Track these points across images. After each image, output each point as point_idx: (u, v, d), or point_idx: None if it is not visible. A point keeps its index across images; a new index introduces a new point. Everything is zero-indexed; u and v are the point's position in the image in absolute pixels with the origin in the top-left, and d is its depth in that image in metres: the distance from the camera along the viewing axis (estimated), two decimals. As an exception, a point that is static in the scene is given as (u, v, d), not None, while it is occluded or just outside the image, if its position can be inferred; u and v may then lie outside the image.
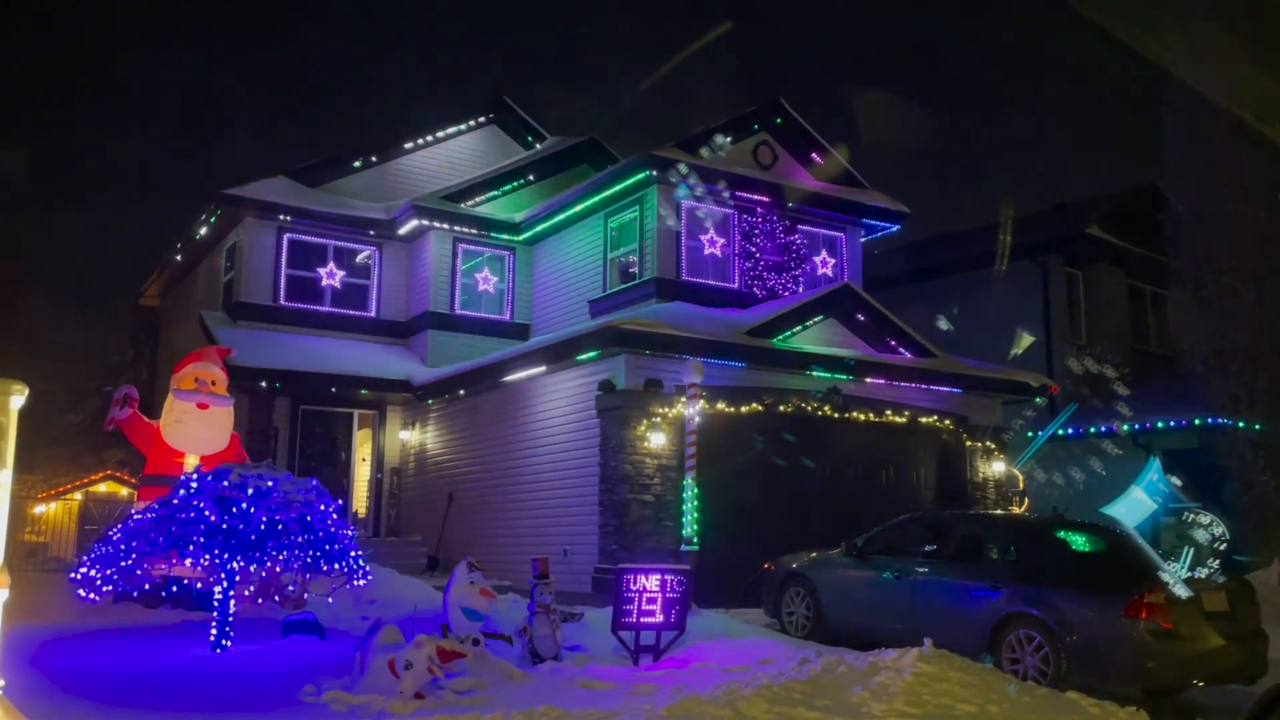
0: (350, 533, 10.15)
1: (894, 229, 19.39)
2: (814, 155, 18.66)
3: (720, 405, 14.12)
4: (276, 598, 10.88)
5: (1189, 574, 8.53)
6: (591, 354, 14.15)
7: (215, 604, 9.77)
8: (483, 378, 16.73)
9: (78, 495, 23.47)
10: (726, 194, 17.30)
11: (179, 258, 22.78)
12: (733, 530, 13.65)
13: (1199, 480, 16.73)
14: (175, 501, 9.54)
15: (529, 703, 7.25)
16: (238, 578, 9.69)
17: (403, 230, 19.88)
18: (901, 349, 16.26)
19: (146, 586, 10.66)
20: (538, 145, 22.35)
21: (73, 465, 28.48)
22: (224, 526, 9.22)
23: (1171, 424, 18.51)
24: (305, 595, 11.20)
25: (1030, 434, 18.60)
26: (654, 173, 16.71)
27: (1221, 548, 8.87)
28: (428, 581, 14.58)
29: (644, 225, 17.08)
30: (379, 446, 19.39)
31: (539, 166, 21.04)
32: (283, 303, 19.27)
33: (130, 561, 9.37)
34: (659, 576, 9.65)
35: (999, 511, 15.55)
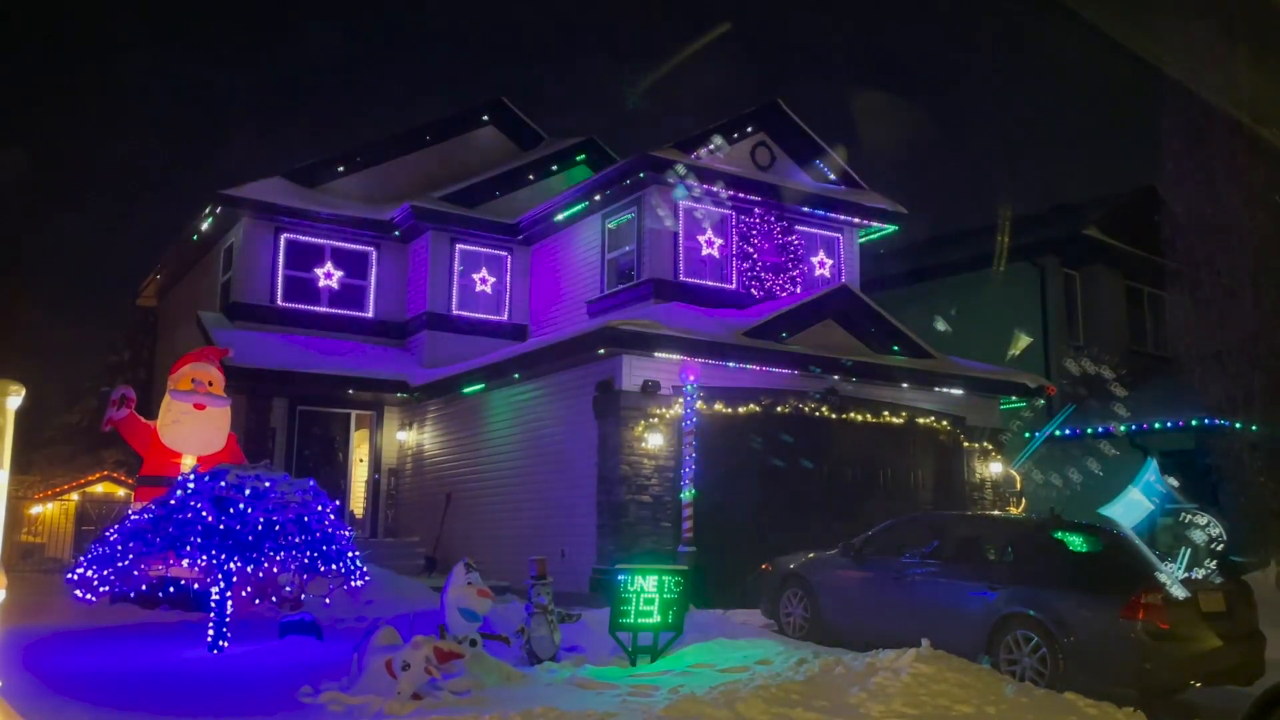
0: (347, 533, 10.15)
1: (892, 230, 19.40)
2: (812, 156, 18.66)
3: (718, 406, 14.11)
4: (274, 598, 10.87)
5: (1186, 575, 8.53)
6: (589, 355, 14.14)
7: (212, 605, 9.76)
8: (480, 378, 16.71)
9: (74, 496, 23.42)
10: (724, 195, 17.30)
11: (177, 258, 22.76)
12: (730, 531, 13.65)
13: (1196, 481, 16.73)
14: (172, 502, 9.54)
15: (527, 703, 7.25)
16: (235, 578, 9.68)
17: (400, 231, 19.88)
18: (899, 350, 16.26)
19: (143, 587, 10.63)
20: (536, 146, 22.34)
21: (70, 466, 28.44)
22: (221, 527, 9.22)
23: (1169, 425, 18.52)
24: (302, 596, 11.18)
25: (1028, 435, 18.61)
26: (652, 173, 16.70)
27: (1219, 549, 8.86)
28: (425, 582, 14.59)
29: (642, 226, 17.07)
30: (376, 447, 19.37)
31: (537, 167, 21.03)
32: (280, 303, 19.25)
33: (127, 562, 9.37)
34: (656, 577, 9.65)
35: (996, 512, 15.56)
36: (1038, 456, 18.37)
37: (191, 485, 9.63)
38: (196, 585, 11.16)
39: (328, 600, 11.06)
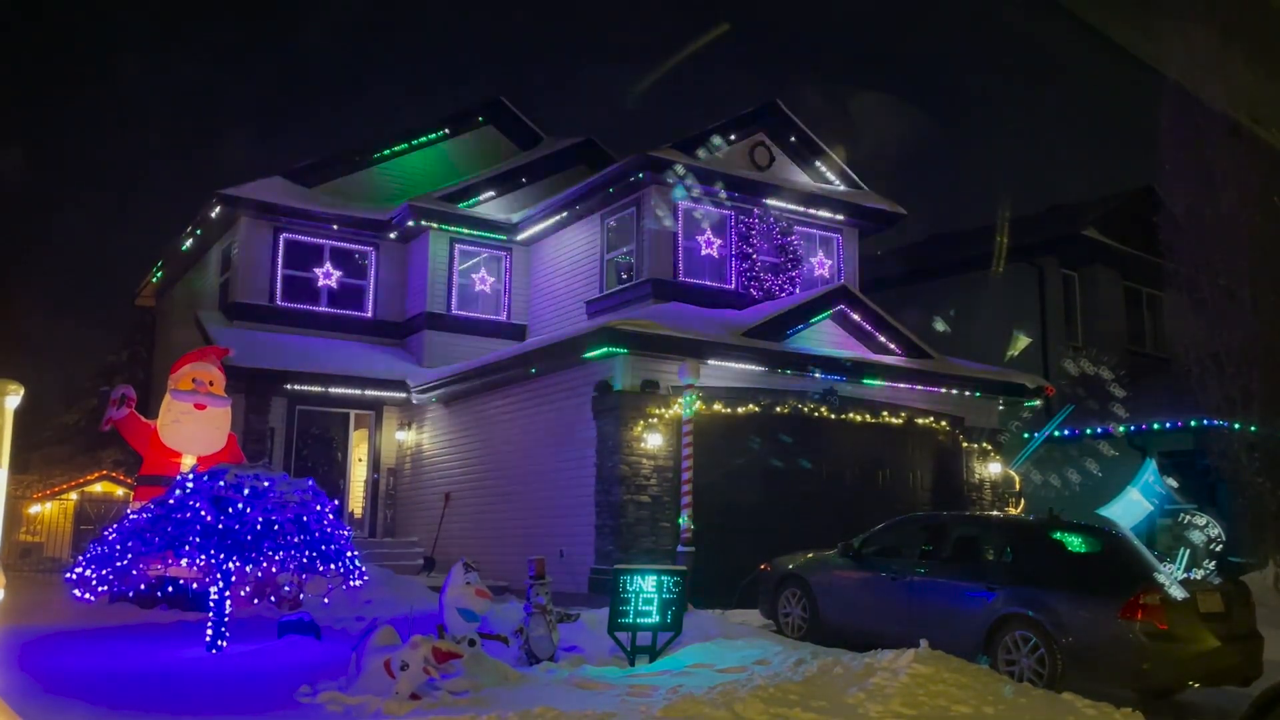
0: (346, 533, 10.14)
1: (891, 230, 19.41)
2: (811, 156, 18.68)
3: (717, 406, 14.12)
4: (272, 598, 10.86)
5: (1184, 575, 8.53)
6: (588, 355, 14.14)
7: (211, 604, 9.75)
8: (479, 378, 16.71)
9: (73, 495, 23.43)
10: (723, 195, 17.31)
11: (176, 258, 22.75)
12: (729, 531, 13.65)
13: (1194, 482, 16.75)
14: (171, 501, 9.53)
15: (525, 703, 7.25)
16: (233, 578, 9.67)
17: (399, 231, 19.87)
18: (898, 350, 16.27)
19: (142, 587, 10.63)
20: (535, 146, 22.33)
21: (68, 465, 28.46)
22: (220, 527, 9.21)
23: (1167, 426, 18.52)
24: (301, 596, 11.18)
25: (1026, 435, 18.61)
26: (651, 173, 16.71)
27: (1217, 549, 8.90)
28: (424, 582, 14.59)
29: (641, 226, 17.08)
30: (375, 447, 19.36)
31: (536, 167, 21.02)
32: (279, 303, 19.25)
33: (126, 562, 9.36)
34: (655, 577, 9.65)
35: (995, 513, 15.57)
36: (1036, 457, 18.37)
37: (190, 485, 9.62)
38: (195, 585, 11.16)
39: (326, 600, 11.05)
